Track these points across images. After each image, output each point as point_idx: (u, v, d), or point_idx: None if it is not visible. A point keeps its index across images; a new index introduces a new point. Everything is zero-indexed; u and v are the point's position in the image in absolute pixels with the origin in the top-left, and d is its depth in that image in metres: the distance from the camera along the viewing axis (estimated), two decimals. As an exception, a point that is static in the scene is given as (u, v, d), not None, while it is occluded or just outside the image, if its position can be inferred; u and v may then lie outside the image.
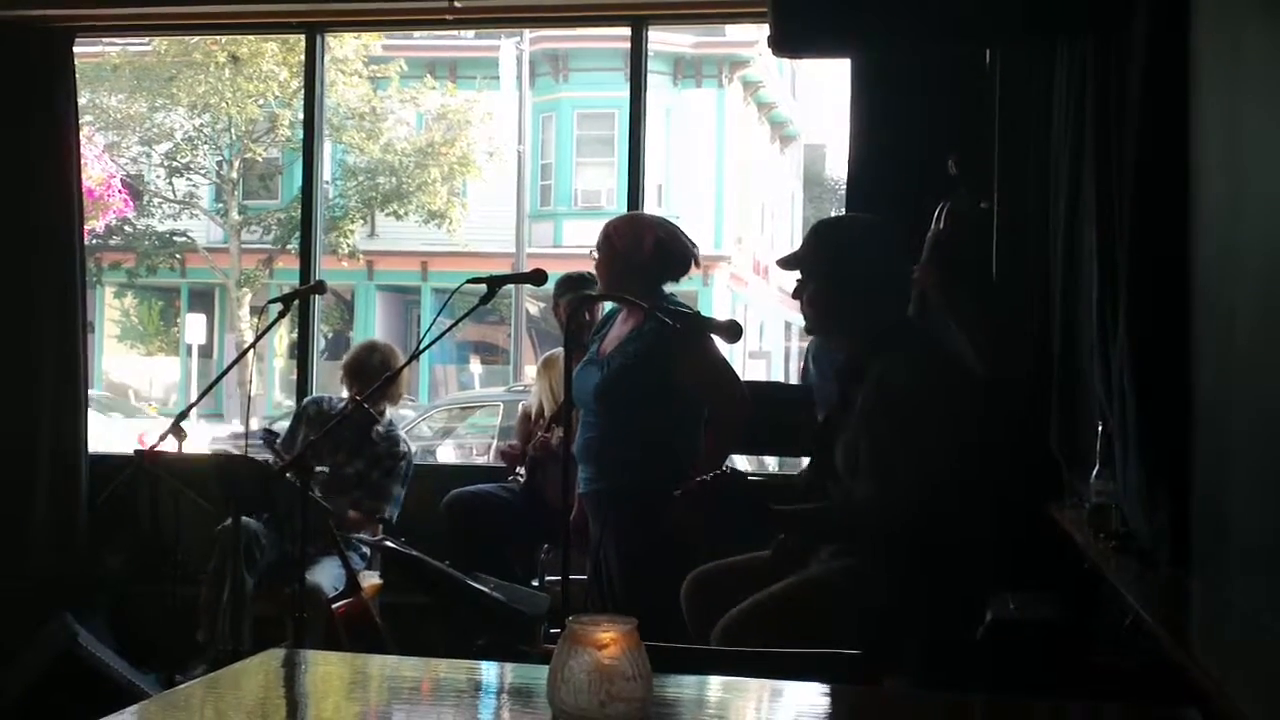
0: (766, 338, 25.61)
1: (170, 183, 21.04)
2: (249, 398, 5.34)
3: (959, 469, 3.11)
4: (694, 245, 4.19)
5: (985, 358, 3.65)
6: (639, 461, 3.92)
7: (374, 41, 18.77)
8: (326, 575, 4.63)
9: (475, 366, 23.03)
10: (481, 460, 13.58)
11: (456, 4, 5.39)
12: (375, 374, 4.99)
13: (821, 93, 27.41)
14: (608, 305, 4.41)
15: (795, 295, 3.41)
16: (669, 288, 4.14)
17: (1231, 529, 2.01)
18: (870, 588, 3.09)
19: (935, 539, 3.07)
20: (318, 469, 4.39)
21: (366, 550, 4.92)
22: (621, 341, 4.02)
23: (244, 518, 4.45)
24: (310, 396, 5.48)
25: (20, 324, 5.75)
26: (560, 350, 4.40)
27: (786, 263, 3.44)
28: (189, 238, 21.43)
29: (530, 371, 20.88)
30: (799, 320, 3.51)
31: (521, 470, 5.06)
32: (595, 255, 4.14)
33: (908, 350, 3.21)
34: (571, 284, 5.01)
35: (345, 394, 5.27)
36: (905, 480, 3.07)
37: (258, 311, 5.60)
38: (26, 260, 5.75)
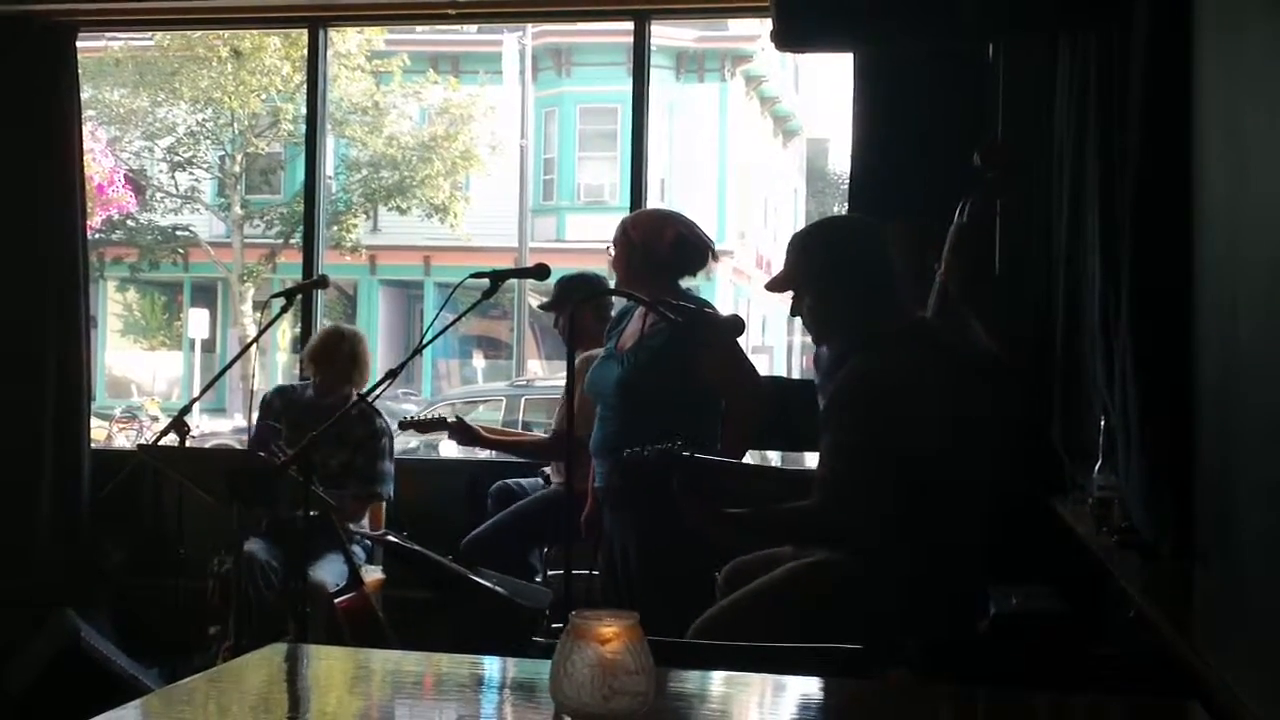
0: (769, 333, 25.60)
1: (173, 177, 21.02)
2: (251, 392, 5.34)
3: (943, 466, 3.08)
4: (711, 240, 4.18)
5: (1010, 350, 3.62)
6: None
7: (377, 36, 18.73)
8: (329, 572, 4.63)
9: (478, 361, 23.01)
10: (484, 455, 13.57)
11: (459, -1, 5.39)
12: (345, 362, 4.97)
13: (824, 87, 27.40)
14: (617, 302, 4.41)
15: (794, 314, 3.35)
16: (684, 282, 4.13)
17: (1234, 522, 2.01)
18: (857, 582, 3.07)
19: (933, 532, 3.05)
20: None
21: (368, 543, 4.92)
22: (642, 336, 4.00)
23: (248, 547, 4.46)
24: (273, 388, 5.41)
25: (23, 318, 5.75)
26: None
27: (775, 285, 3.37)
28: (191, 232, 21.41)
29: (534, 366, 20.90)
30: (801, 315, 3.44)
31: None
32: (612, 251, 4.12)
33: (872, 352, 3.16)
34: (574, 286, 4.95)
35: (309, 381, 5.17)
36: (848, 488, 3.04)
37: (260, 306, 5.59)
38: (29, 255, 5.75)
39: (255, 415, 5.03)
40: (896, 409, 3.06)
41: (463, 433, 5.04)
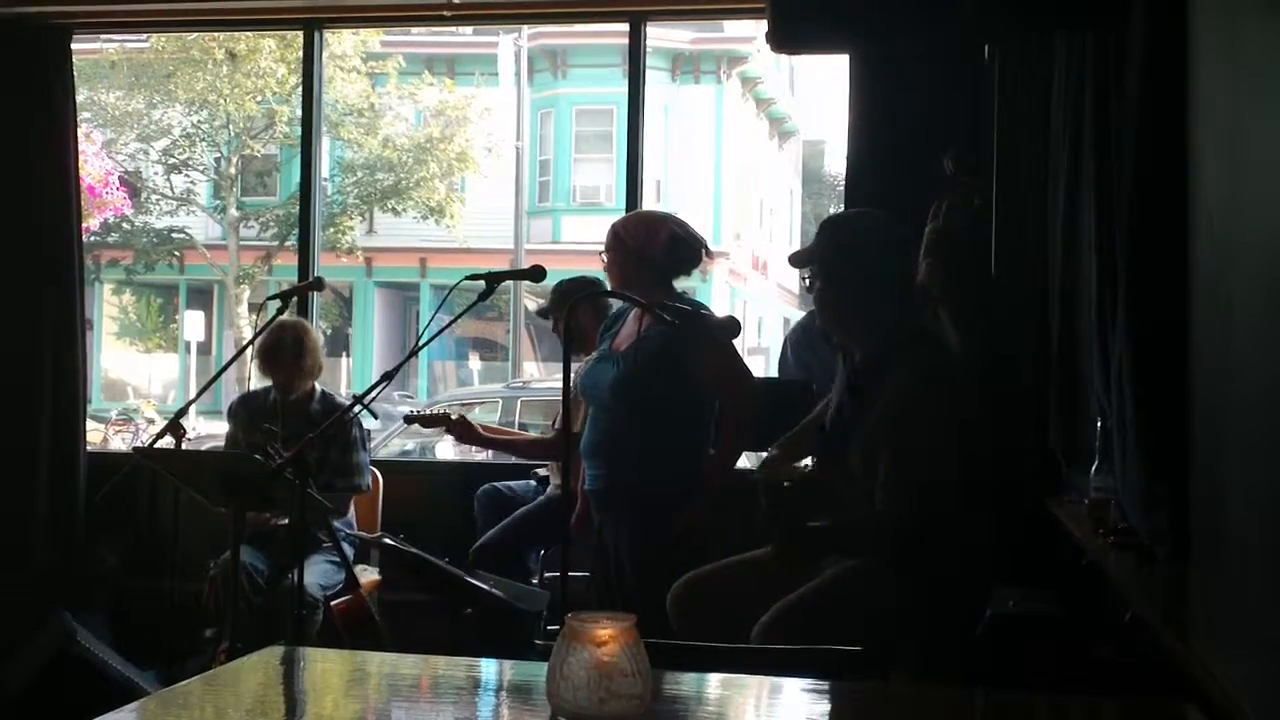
0: (765, 333, 25.61)
1: (168, 179, 21.01)
2: (240, 395, 5.32)
3: (967, 470, 3.12)
4: (703, 238, 4.18)
5: (982, 353, 3.66)
6: (652, 458, 3.91)
7: (372, 38, 18.75)
8: (315, 574, 4.61)
9: (474, 363, 23.02)
10: (481, 457, 13.57)
11: (454, 0, 5.38)
12: (291, 351, 4.93)
13: (820, 88, 27.50)
14: (611, 304, 4.41)
15: (809, 290, 3.42)
16: (679, 282, 4.14)
17: (1230, 524, 2.01)
18: (886, 586, 3.09)
19: (940, 538, 3.07)
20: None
21: (355, 541, 4.90)
22: (637, 338, 3.99)
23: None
24: (236, 396, 5.35)
25: (19, 321, 5.74)
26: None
27: (797, 259, 3.43)
28: (187, 234, 21.41)
29: (530, 368, 20.88)
30: (797, 316, 3.51)
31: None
32: (605, 257, 4.12)
33: (929, 357, 3.19)
34: (572, 288, 4.95)
35: (267, 383, 5.06)
36: (927, 491, 3.07)
37: (256, 308, 5.54)
38: (25, 258, 5.74)
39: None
40: (955, 413, 3.10)
41: (463, 430, 5.02)
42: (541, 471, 5.20)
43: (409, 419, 5.25)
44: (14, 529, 5.65)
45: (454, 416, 5.08)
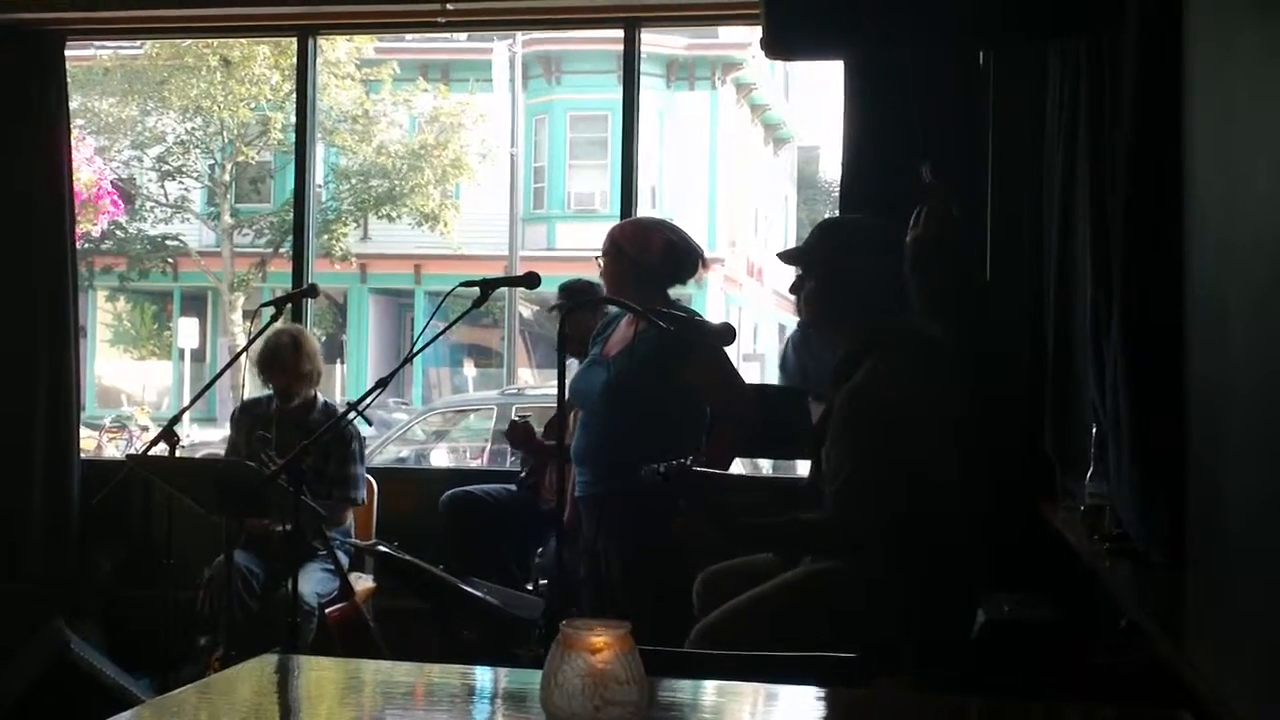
0: (760, 340, 25.61)
1: (162, 186, 20.98)
2: (241, 402, 5.32)
3: (942, 474, 3.10)
4: (700, 246, 4.19)
5: (967, 359, 3.66)
6: (642, 464, 3.90)
7: (366, 44, 18.74)
8: (312, 582, 4.60)
9: (469, 369, 22.99)
10: (476, 464, 13.57)
11: (449, 6, 5.38)
12: (291, 359, 4.94)
13: (815, 95, 27.49)
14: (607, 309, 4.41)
15: (793, 290, 3.41)
16: (673, 291, 4.14)
17: (1226, 529, 2.01)
18: (852, 589, 3.08)
19: (927, 540, 3.06)
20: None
21: (350, 549, 4.89)
22: (629, 343, 3.99)
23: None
24: (239, 403, 5.36)
25: (12, 328, 5.73)
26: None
27: (788, 256, 3.44)
28: (181, 241, 21.38)
29: (525, 374, 20.87)
30: (793, 322, 3.51)
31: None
32: (601, 262, 4.12)
33: (889, 359, 3.17)
34: (575, 291, 4.95)
35: (269, 390, 5.09)
36: (866, 497, 3.05)
37: (250, 315, 5.54)
38: (18, 264, 5.73)
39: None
40: (911, 416, 3.08)
41: (521, 438, 4.96)
42: (522, 475, 5.18)
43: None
44: (8, 536, 5.64)
45: (518, 420, 5.06)
